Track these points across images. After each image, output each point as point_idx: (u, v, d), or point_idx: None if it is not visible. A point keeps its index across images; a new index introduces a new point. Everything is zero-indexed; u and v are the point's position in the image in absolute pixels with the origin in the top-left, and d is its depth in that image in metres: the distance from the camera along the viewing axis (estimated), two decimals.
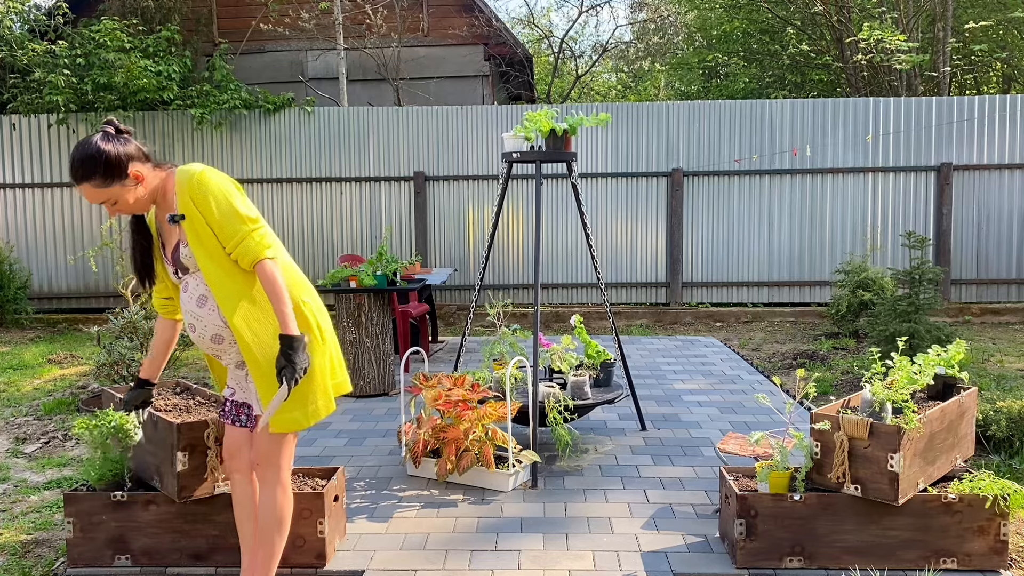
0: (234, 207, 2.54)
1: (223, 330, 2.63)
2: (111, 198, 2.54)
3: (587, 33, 29.33)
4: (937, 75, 12.37)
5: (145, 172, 2.57)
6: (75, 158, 2.49)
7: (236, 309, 2.56)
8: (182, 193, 2.54)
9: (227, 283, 2.56)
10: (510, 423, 4.01)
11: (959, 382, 3.35)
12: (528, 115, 4.54)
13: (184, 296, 2.67)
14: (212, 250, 2.55)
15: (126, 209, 2.59)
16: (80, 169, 2.48)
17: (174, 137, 9.67)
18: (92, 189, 2.50)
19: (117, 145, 2.52)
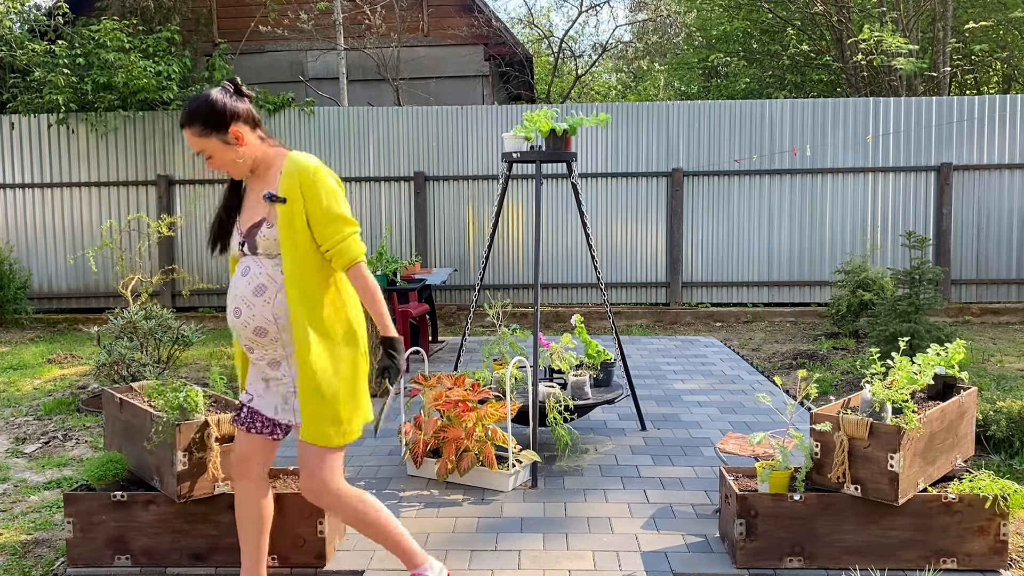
0: (341, 208, 2.54)
1: (271, 325, 2.54)
2: (207, 150, 2.54)
3: (587, 33, 29.33)
4: (937, 75, 12.37)
5: (248, 137, 2.56)
6: (187, 103, 2.54)
7: (304, 308, 2.51)
8: (290, 177, 2.51)
9: (305, 281, 2.52)
10: (510, 423, 4.01)
11: (959, 382, 3.35)
12: (528, 115, 4.53)
13: (240, 278, 2.58)
14: (301, 243, 2.51)
15: (220, 166, 2.57)
16: (187, 114, 2.52)
17: (174, 137, 9.67)
18: (192, 135, 2.52)
19: (228, 100, 2.53)
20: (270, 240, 2.54)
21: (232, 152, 2.55)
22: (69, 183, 9.66)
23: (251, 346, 2.60)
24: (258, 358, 2.62)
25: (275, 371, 2.62)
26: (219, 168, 2.58)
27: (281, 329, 2.56)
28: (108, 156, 9.71)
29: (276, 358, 2.60)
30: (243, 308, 2.56)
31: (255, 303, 2.54)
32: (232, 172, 2.61)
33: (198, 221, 9.68)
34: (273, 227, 2.54)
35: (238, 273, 2.60)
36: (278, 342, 2.57)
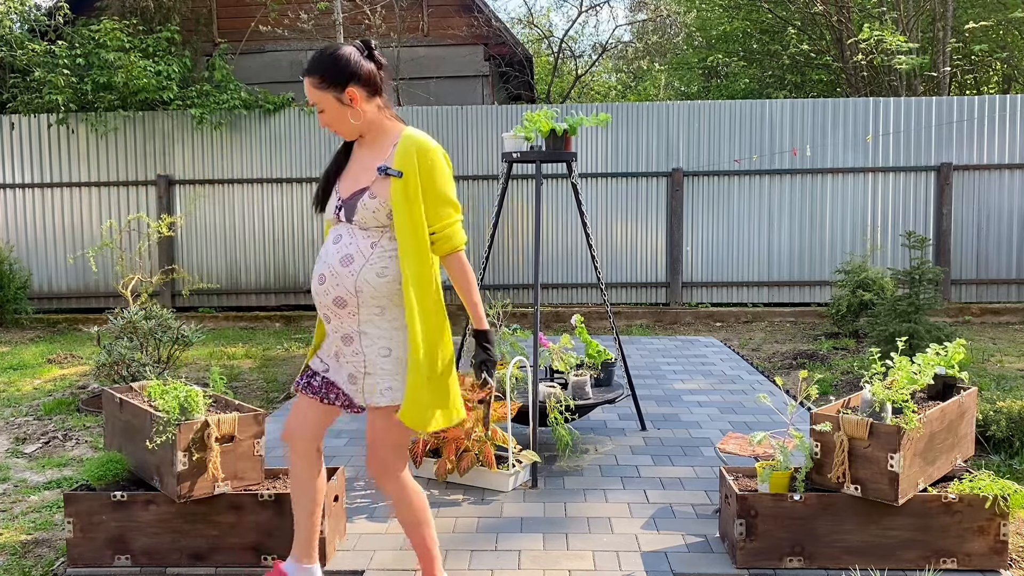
0: (452, 193, 2.54)
1: (351, 297, 2.49)
2: (321, 103, 2.50)
3: (587, 33, 29.33)
4: (937, 75, 12.37)
5: (363, 100, 2.51)
6: (317, 52, 2.52)
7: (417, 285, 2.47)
8: (407, 152, 2.49)
9: (420, 257, 2.48)
10: (510, 423, 4.01)
11: (959, 382, 3.35)
12: (528, 115, 4.53)
13: (331, 245, 2.54)
14: (417, 220, 2.48)
15: (330, 122, 2.54)
16: (311, 62, 2.50)
17: (174, 137, 9.67)
18: (310, 85, 2.49)
19: (355, 57, 2.49)
20: (368, 211, 2.49)
21: (345, 112, 2.51)
22: (69, 183, 9.65)
23: (328, 316, 2.56)
24: (333, 330, 2.57)
25: (347, 346, 2.56)
26: (328, 124, 2.55)
27: (360, 304, 2.50)
28: (108, 156, 9.70)
29: (349, 333, 2.54)
30: (327, 275, 2.52)
31: (340, 273, 2.49)
32: (340, 131, 2.56)
33: (198, 221, 9.68)
34: (376, 198, 2.49)
35: (330, 240, 2.57)
36: (355, 317, 2.51)
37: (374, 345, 2.51)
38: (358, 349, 2.54)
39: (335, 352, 2.61)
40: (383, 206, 2.48)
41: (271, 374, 6.74)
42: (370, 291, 2.48)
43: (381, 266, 2.49)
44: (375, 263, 2.48)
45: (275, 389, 6.22)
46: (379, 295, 2.49)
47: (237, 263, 9.73)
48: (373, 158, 2.55)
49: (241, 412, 3.21)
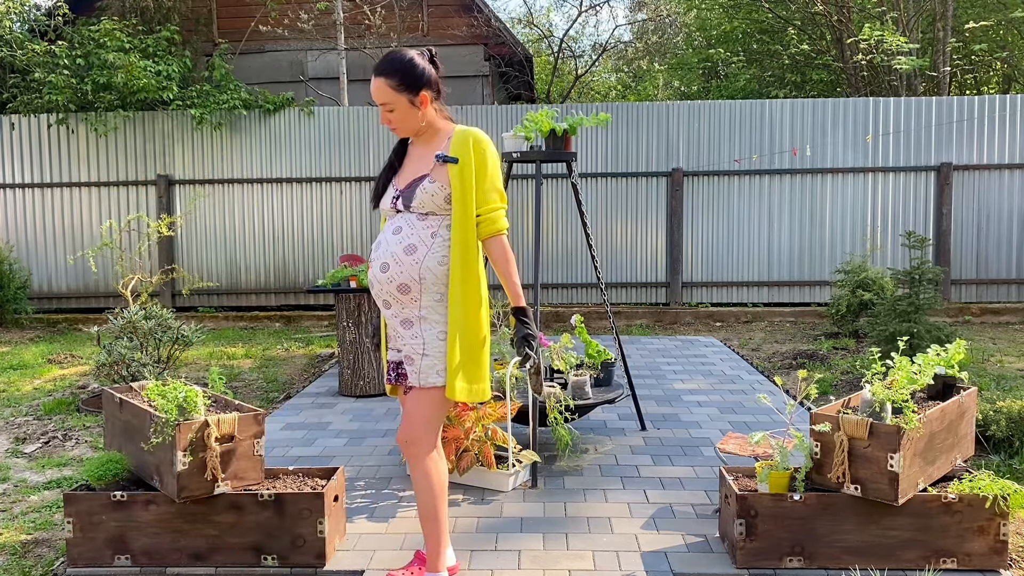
0: (500, 183, 2.75)
1: (415, 284, 2.67)
2: (392, 104, 2.66)
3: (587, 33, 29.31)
4: (937, 75, 12.37)
5: (429, 102, 2.72)
6: (386, 56, 2.69)
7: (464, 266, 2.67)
8: (463, 142, 2.69)
9: (468, 240, 2.68)
10: (510, 423, 4.01)
11: (959, 382, 3.35)
12: (528, 115, 4.53)
13: (391, 236, 2.71)
14: (469, 205, 2.67)
15: (397, 121, 2.70)
16: (386, 65, 2.66)
17: (174, 137, 9.67)
18: (384, 86, 2.64)
19: (426, 64, 2.69)
20: (427, 194, 2.67)
21: (414, 112, 2.70)
22: (69, 183, 9.66)
23: (389, 302, 2.72)
24: (393, 315, 2.73)
25: (406, 330, 2.72)
26: (393, 122, 2.70)
27: (423, 291, 2.68)
28: (108, 156, 9.70)
29: (410, 317, 2.71)
30: (391, 264, 2.68)
31: (404, 261, 2.66)
32: (403, 130, 2.74)
33: (198, 221, 9.68)
34: (435, 182, 2.67)
35: (387, 231, 2.73)
36: (417, 303, 2.69)
37: (433, 329, 2.70)
38: (417, 333, 2.71)
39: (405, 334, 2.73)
40: (442, 190, 2.67)
41: (271, 374, 6.75)
42: (432, 278, 2.67)
43: (442, 255, 2.68)
44: (436, 252, 2.68)
45: (275, 389, 6.22)
46: (439, 282, 2.68)
47: (237, 263, 9.73)
48: (428, 152, 2.75)
49: (241, 412, 3.21)
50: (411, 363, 2.72)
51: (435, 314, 2.69)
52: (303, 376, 6.65)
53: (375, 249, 2.75)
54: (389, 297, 2.71)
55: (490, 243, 2.73)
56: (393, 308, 2.72)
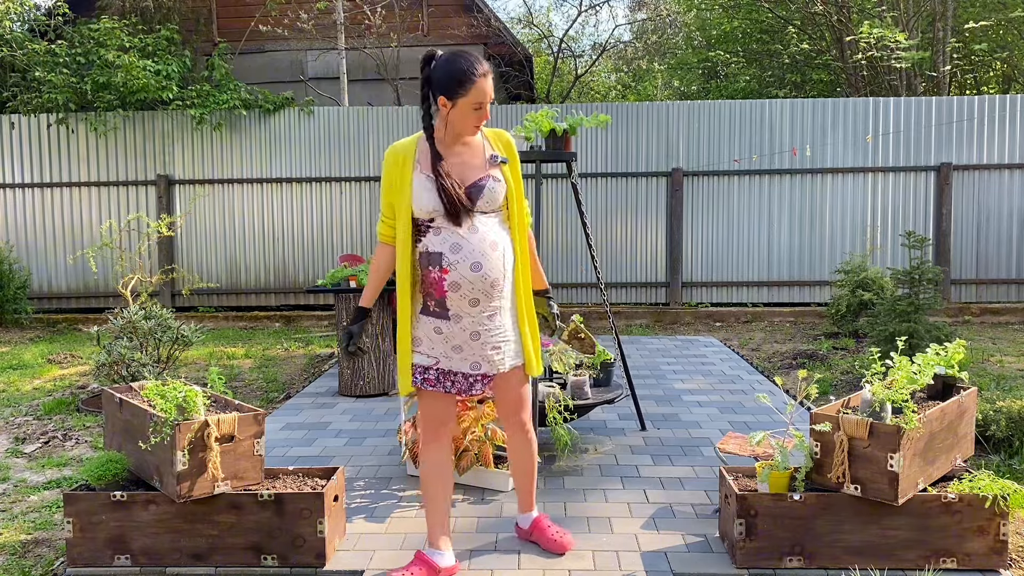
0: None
1: (502, 277, 2.85)
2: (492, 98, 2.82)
3: (587, 33, 29.32)
4: (937, 75, 12.37)
5: None
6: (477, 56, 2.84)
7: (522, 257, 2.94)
8: (504, 143, 2.96)
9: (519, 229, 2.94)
10: None
11: (959, 382, 3.35)
12: (528, 115, 4.54)
13: (471, 235, 2.81)
14: (519, 199, 2.95)
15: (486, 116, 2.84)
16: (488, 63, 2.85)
17: (173, 137, 9.67)
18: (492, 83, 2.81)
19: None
20: (495, 194, 2.85)
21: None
22: (69, 183, 9.66)
23: (478, 298, 2.83)
24: (479, 311, 2.85)
25: (492, 322, 2.87)
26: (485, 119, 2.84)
27: (505, 282, 2.88)
28: (108, 156, 9.70)
29: (495, 310, 2.87)
30: (483, 262, 2.81)
31: (492, 257, 2.82)
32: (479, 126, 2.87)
33: (198, 221, 9.68)
34: (500, 182, 2.87)
35: (462, 231, 2.81)
36: (501, 294, 2.87)
37: (509, 316, 2.94)
38: (500, 322, 2.91)
39: (472, 332, 2.86)
40: (503, 188, 2.88)
41: (271, 374, 6.75)
42: (510, 270, 2.90)
43: (511, 247, 2.91)
44: (509, 245, 2.90)
45: (275, 389, 6.22)
46: (512, 273, 2.91)
47: (237, 263, 9.73)
48: (469, 152, 2.89)
49: (241, 412, 3.21)
50: (498, 352, 2.91)
51: (508, 302, 2.91)
52: (303, 376, 6.65)
53: (453, 252, 2.79)
54: (480, 294, 2.82)
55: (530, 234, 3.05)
56: (482, 304, 2.84)
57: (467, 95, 2.75)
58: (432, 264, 2.82)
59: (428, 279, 2.84)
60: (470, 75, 2.73)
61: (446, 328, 2.85)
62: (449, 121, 2.82)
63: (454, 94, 2.76)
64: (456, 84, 2.74)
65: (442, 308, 2.83)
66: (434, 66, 2.81)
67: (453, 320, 2.84)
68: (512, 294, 2.92)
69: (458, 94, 2.75)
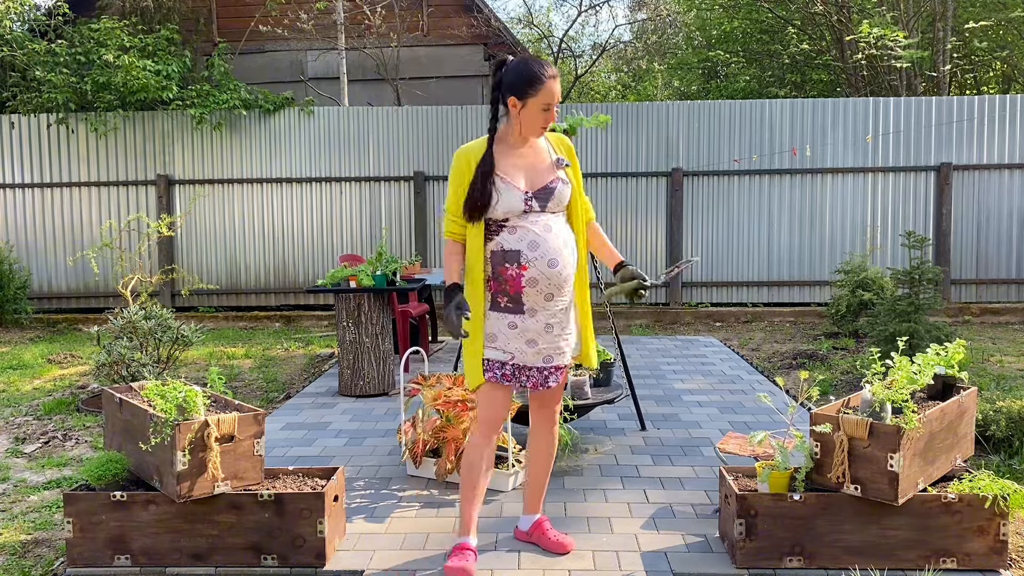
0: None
1: (572, 274, 2.97)
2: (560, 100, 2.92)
3: (587, 33, 29.32)
4: (937, 75, 12.37)
5: None
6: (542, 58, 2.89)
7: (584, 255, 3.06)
8: (565, 146, 3.07)
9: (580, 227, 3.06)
10: (510, 423, 4.01)
11: (959, 382, 3.35)
12: None
13: (547, 234, 2.91)
14: (582, 199, 3.08)
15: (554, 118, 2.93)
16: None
17: (173, 137, 9.67)
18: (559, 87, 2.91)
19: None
20: (563, 196, 2.96)
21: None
22: (69, 183, 9.66)
23: (553, 293, 2.94)
24: (553, 305, 2.95)
25: (563, 316, 2.98)
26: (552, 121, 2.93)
27: (573, 277, 3.00)
28: (108, 156, 9.70)
29: (565, 304, 2.98)
30: (559, 259, 2.91)
31: (565, 254, 2.93)
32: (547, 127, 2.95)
33: (198, 221, 9.68)
34: (567, 184, 2.99)
35: (538, 228, 2.91)
36: (570, 289, 3.00)
37: (572, 311, 3.05)
38: (568, 316, 3.02)
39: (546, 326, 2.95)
40: (570, 190, 3.00)
41: (271, 374, 6.75)
42: (575, 266, 3.00)
43: (576, 245, 3.02)
44: (574, 242, 3.01)
45: (275, 389, 6.22)
46: (575, 269, 3.01)
47: (237, 263, 9.73)
48: (533, 153, 2.98)
49: (241, 412, 3.21)
50: (567, 343, 3.02)
51: (571, 296, 3.03)
52: (303, 376, 6.65)
53: (531, 249, 2.88)
54: (554, 289, 2.92)
55: (593, 225, 3.17)
56: (555, 298, 2.94)
57: (537, 96, 2.85)
58: (509, 261, 2.91)
59: (504, 275, 2.92)
60: (540, 76, 2.84)
61: (521, 323, 2.94)
62: (519, 122, 2.92)
63: (524, 95, 2.86)
64: (527, 85, 2.85)
65: (516, 303, 2.93)
66: (505, 70, 2.92)
67: (528, 314, 2.93)
68: (572, 290, 3.03)
69: (528, 95, 2.86)
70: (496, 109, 2.97)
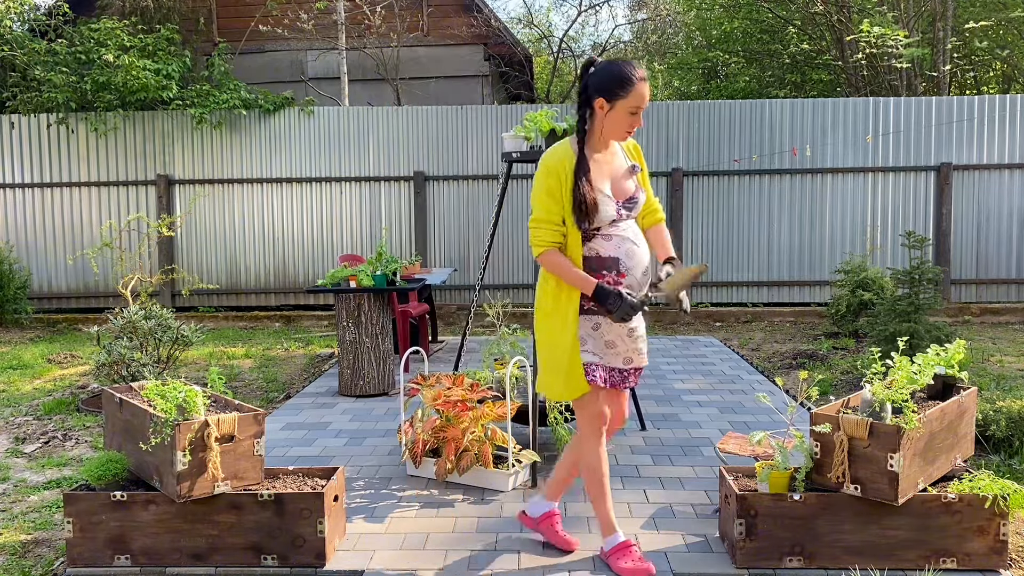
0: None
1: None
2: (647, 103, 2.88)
3: (587, 33, 29.31)
4: (937, 75, 12.37)
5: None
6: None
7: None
8: (636, 151, 3.10)
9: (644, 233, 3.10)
10: (510, 423, 4.01)
11: (959, 382, 3.35)
12: (528, 115, 4.54)
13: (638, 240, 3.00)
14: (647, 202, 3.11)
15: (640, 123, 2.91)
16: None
17: (173, 136, 9.66)
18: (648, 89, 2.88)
19: None
20: (641, 204, 3.02)
21: None
22: (69, 183, 9.65)
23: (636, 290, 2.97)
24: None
25: (640, 319, 3.03)
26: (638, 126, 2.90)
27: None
28: (108, 156, 9.70)
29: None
30: (648, 266, 3.00)
31: (647, 260, 3.01)
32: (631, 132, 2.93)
33: (198, 221, 9.68)
34: (643, 192, 3.04)
35: (629, 235, 2.97)
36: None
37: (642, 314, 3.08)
38: (641, 319, 3.07)
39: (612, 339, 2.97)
40: (645, 197, 3.06)
41: (271, 374, 6.75)
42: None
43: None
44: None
45: (275, 389, 6.22)
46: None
47: (237, 263, 9.73)
48: (612, 160, 2.98)
49: (241, 412, 3.21)
50: (645, 344, 3.07)
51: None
52: (303, 376, 6.65)
53: (628, 258, 2.94)
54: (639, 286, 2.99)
55: (660, 227, 3.19)
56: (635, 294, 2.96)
57: (627, 97, 2.80)
58: (607, 268, 2.92)
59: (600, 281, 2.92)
60: (631, 77, 2.79)
61: (604, 324, 2.96)
62: (604, 124, 2.87)
63: (614, 96, 2.81)
64: (617, 86, 2.80)
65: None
66: (593, 71, 2.87)
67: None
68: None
69: (618, 96, 2.81)
70: (584, 112, 2.89)
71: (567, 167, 2.88)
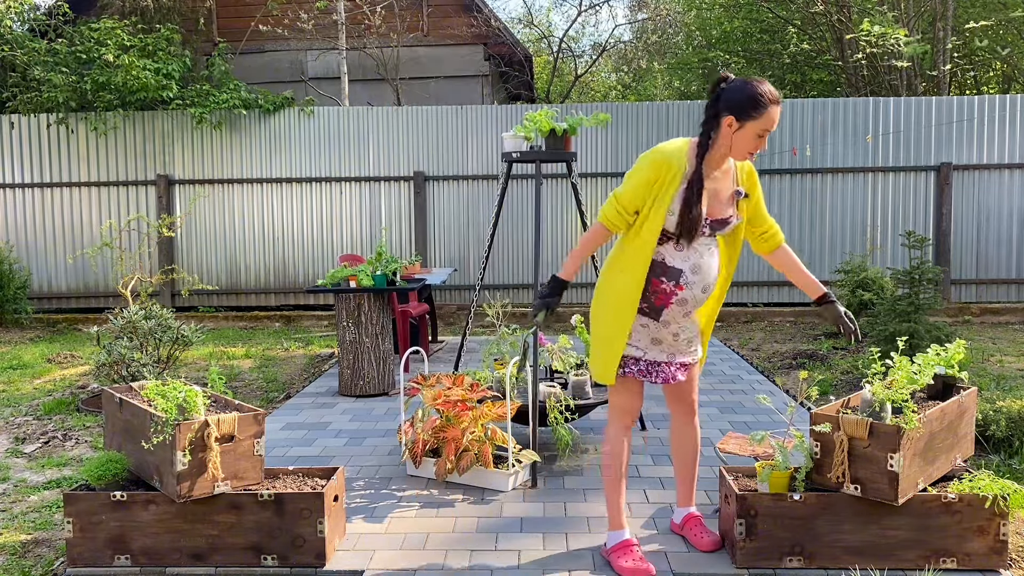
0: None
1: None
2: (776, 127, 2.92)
3: (587, 33, 29.33)
4: (937, 75, 12.37)
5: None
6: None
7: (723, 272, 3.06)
8: (749, 175, 3.09)
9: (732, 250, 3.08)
10: (510, 423, 4.01)
11: (959, 382, 3.35)
12: (528, 115, 4.53)
13: (709, 258, 2.95)
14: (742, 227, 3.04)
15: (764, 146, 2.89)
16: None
17: (173, 136, 9.67)
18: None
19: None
20: (733, 228, 2.99)
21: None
22: (69, 183, 9.65)
23: (692, 312, 3.01)
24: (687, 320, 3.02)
25: (692, 327, 3.06)
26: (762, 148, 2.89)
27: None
28: (108, 156, 9.70)
29: (696, 318, 3.08)
30: (711, 286, 2.98)
31: (714, 277, 2.98)
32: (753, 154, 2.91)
33: (198, 221, 9.68)
34: (740, 219, 3.01)
35: (703, 252, 2.95)
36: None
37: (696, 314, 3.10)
38: (695, 326, 3.09)
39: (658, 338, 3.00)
40: (740, 223, 3.03)
41: (271, 374, 6.75)
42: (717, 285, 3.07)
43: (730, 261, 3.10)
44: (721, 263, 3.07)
45: (275, 389, 6.22)
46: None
47: (237, 263, 9.73)
48: (725, 182, 2.97)
49: (241, 412, 3.21)
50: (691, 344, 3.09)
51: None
52: (303, 376, 6.65)
53: (693, 272, 2.92)
54: (695, 307, 3.00)
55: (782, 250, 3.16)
56: (691, 316, 3.03)
57: (758, 119, 2.77)
58: (668, 277, 2.92)
59: (655, 287, 2.94)
60: (764, 100, 2.75)
61: (652, 325, 2.99)
62: (729, 142, 2.84)
63: (745, 116, 2.77)
64: (750, 106, 2.75)
65: (655, 313, 2.97)
66: (726, 87, 2.82)
67: (662, 324, 3.00)
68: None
69: (750, 116, 2.77)
70: (709, 126, 2.85)
71: (675, 172, 2.85)
